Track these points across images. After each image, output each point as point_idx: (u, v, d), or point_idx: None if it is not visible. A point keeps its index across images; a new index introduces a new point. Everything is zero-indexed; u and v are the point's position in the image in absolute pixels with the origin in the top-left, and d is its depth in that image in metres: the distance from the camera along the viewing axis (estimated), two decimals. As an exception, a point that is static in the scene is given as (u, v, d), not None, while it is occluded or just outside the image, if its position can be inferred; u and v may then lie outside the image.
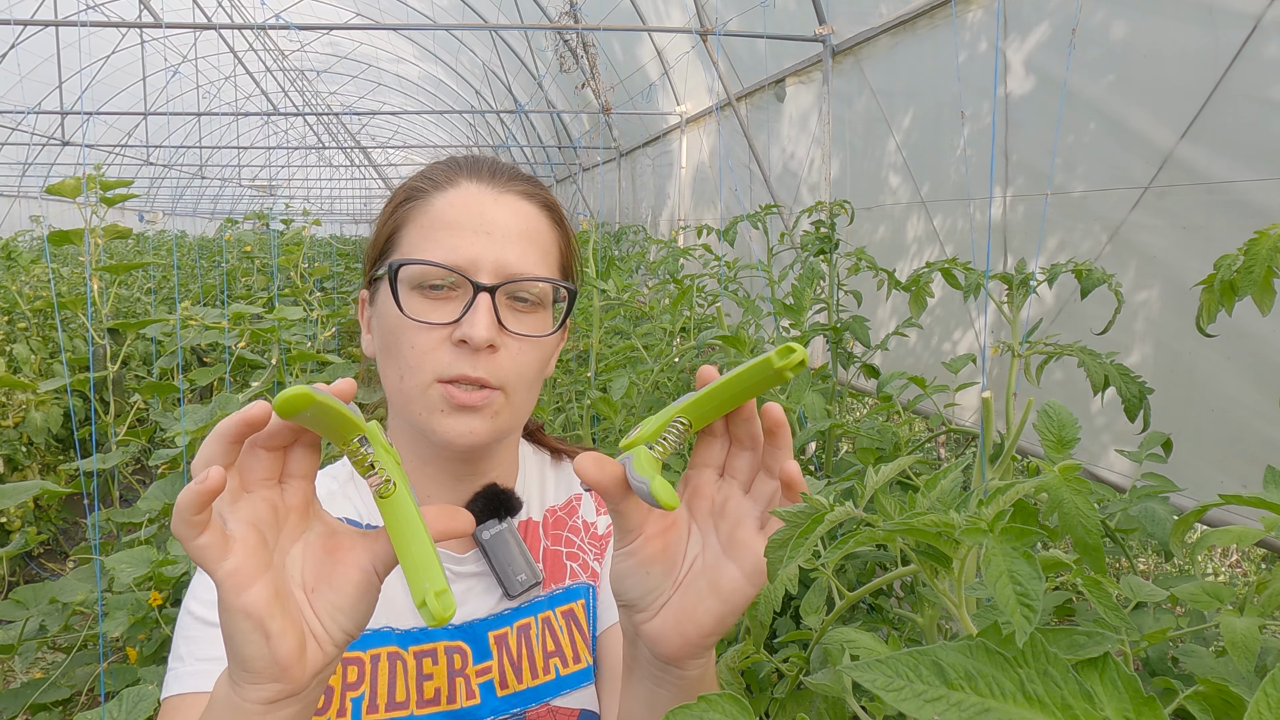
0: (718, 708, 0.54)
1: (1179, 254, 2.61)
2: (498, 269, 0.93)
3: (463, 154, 1.07)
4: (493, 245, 0.93)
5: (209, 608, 0.92)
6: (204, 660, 0.89)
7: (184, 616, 0.94)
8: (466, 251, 0.92)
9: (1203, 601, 1.22)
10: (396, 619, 0.98)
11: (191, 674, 0.88)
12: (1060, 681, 0.46)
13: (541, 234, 0.99)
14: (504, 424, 0.96)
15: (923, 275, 2.19)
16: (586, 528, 1.14)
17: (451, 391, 0.92)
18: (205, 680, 0.86)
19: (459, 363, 0.91)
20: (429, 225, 0.95)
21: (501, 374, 0.93)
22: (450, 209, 0.96)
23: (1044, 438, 1.01)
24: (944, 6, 3.74)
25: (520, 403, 0.97)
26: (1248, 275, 1.24)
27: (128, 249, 11.00)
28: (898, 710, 0.52)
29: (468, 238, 0.93)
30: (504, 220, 0.96)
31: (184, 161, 19.47)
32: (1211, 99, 2.43)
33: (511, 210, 0.97)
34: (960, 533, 0.49)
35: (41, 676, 2.35)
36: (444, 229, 0.94)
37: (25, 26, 6.03)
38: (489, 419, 0.94)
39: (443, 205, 0.96)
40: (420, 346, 0.92)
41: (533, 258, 0.96)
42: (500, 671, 0.99)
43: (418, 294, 0.93)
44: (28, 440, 4.28)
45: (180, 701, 0.87)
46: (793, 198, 5.71)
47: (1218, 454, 2.42)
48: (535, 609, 1.04)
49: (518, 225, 0.96)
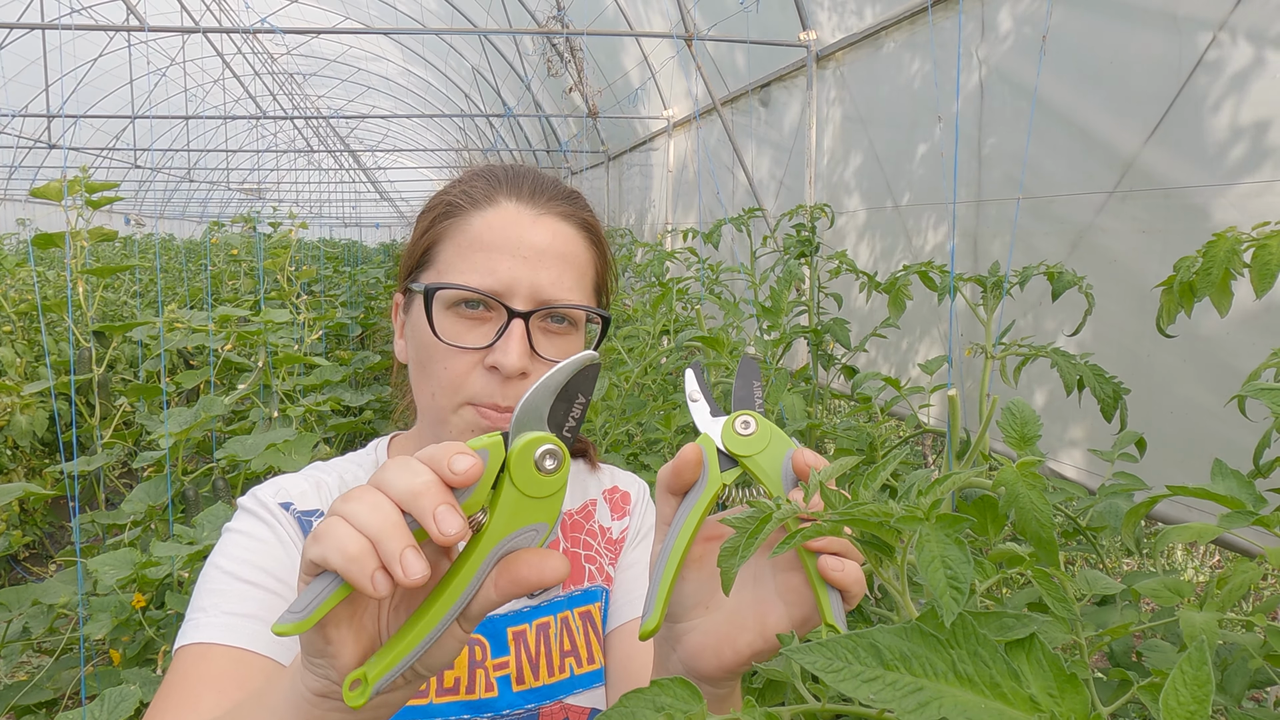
0: (669, 691, 0.56)
1: (1139, 257, 2.65)
2: (532, 294, 0.93)
3: (503, 167, 1.05)
4: (528, 269, 0.93)
5: (241, 564, 0.92)
6: (231, 615, 0.88)
7: (210, 571, 0.93)
8: (503, 276, 0.93)
9: (1164, 596, 1.25)
10: None
11: (218, 625, 0.87)
12: (989, 661, 0.49)
13: (578, 256, 0.99)
14: None
15: (900, 278, 2.22)
16: (602, 532, 1.14)
17: (484, 412, 0.93)
18: (232, 634, 0.86)
19: (490, 389, 0.92)
20: (466, 245, 0.95)
21: None
22: (488, 230, 0.95)
23: (1006, 434, 1.03)
24: (923, 14, 3.78)
25: None
26: (1206, 277, 1.27)
27: (114, 252, 10.96)
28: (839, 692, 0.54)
29: (504, 261, 0.93)
30: (541, 243, 0.95)
31: (172, 164, 19.39)
32: (1174, 106, 2.47)
33: (550, 232, 0.97)
34: (897, 520, 0.51)
35: (25, 679, 2.36)
36: (481, 250, 0.94)
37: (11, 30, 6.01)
38: None
39: (481, 226, 0.96)
40: (453, 369, 0.93)
41: (568, 282, 0.96)
42: (518, 667, 1.01)
43: (452, 314, 0.94)
44: (12, 443, 4.27)
45: (205, 650, 0.86)
46: (776, 201, 5.75)
47: (1179, 455, 2.45)
48: (554, 608, 1.05)
49: (555, 248, 0.96)
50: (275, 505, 0.97)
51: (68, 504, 4.59)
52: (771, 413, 2.12)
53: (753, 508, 0.64)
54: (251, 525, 0.95)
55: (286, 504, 0.98)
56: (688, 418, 2.00)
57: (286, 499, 0.98)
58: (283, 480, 1.02)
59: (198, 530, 2.18)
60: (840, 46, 4.65)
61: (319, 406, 3.52)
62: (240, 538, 0.95)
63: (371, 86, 21.18)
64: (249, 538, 0.94)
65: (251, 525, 0.95)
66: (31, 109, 13.34)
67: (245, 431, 3.39)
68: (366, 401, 4.11)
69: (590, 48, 9.21)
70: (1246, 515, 0.87)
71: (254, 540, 0.94)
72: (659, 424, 2.15)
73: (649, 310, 2.68)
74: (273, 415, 3.38)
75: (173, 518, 2.57)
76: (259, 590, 0.90)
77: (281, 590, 0.91)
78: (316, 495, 1.01)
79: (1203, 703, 0.46)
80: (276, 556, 0.93)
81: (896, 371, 4.19)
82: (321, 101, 21.57)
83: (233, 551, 0.93)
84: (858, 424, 2.05)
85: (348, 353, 5.47)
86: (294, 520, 0.97)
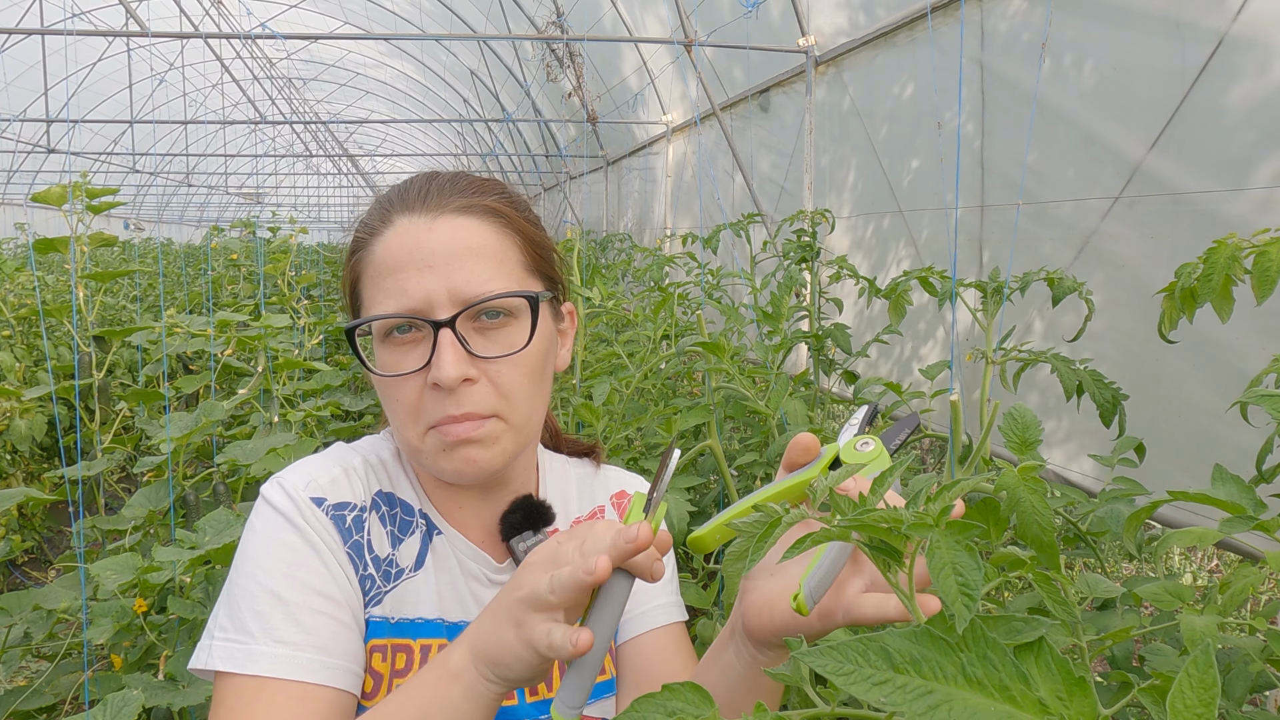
0: (680, 695, 0.57)
1: (1146, 263, 2.66)
2: (451, 298, 0.90)
3: (398, 185, 1.02)
4: (438, 276, 0.90)
5: (283, 581, 0.88)
6: (283, 644, 0.85)
7: (247, 583, 0.88)
8: (415, 291, 0.90)
9: (1164, 601, 1.26)
10: (447, 612, 0.99)
11: (272, 656, 0.84)
12: (999, 665, 0.50)
13: (488, 245, 0.94)
14: (509, 445, 0.95)
15: (900, 283, 2.23)
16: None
17: (444, 430, 0.91)
18: (291, 667, 0.84)
19: (441, 406, 0.90)
20: (375, 275, 0.94)
21: (488, 403, 0.91)
22: (389, 253, 0.93)
23: (1008, 439, 1.04)
24: (922, 20, 3.80)
25: (522, 419, 0.95)
26: (1207, 283, 1.28)
27: (113, 256, 10.95)
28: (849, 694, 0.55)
29: (412, 277, 0.91)
30: (442, 246, 0.92)
31: (170, 169, 19.40)
32: (1179, 112, 2.48)
33: (449, 233, 0.93)
34: (907, 527, 0.52)
35: (25, 684, 2.35)
36: (389, 275, 0.92)
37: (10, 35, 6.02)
38: (490, 446, 0.93)
39: (382, 251, 0.94)
40: (404, 400, 0.91)
41: (484, 274, 0.92)
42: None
43: (389, 345, 0.92)
44: (12, 448, 4.27)
45: (262, 686, 0.83)
46: (775, 206, 5.76)
47: (1185, 459, 2.46)
48: None
49: (458, 245, 0.92)
50: (306, 504, 0.92)
51: (66, 509, 4.59)
52: (773, 417, 2.13)
53: (760, 512, 0.64)
54: (286, 534, 0.91)
55: (319, 499, 0.94)
56: (688, 423, 2.01)
57: (318, 493, 0.94)
58: (311, 468, 0.97)
59: (199, 535, 2.18)
60: (840, 52, 4.66)
61: (319, 411, 3.52)
62: (276, 548, 0.90)
63: (370, 91, 21.21)
64: (286, 549, 0.90)
65: (286, 534, 0.91)
66: (30, 113, 13.35)
67: (245, 436, 3.39)
68: (366, 406, 4.11)
69: (589, 53, 9.23)
70: (1247, 520, 0.88)
71: (291, 553, 0.90)
72: (659, 428, 2.15)
73: (649, 315, 2.69)
74: (273, 420, 3.38)
75: (174, 522, 2.57)
76: (308, 612, 0.87)
77: (326, 608, 0.88)
78: (348, 483, 0.97)
79: (1209, 705, 0.47)
80: (315, 569, 0.90)
81: (898, 376, 4.20)
82: (320, 106, 21.60)
83: (271, 566, 0.89)
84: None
85: (347, 357, 5.46)
86: (328, 521, 0.93)
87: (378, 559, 0.96)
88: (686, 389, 3.64)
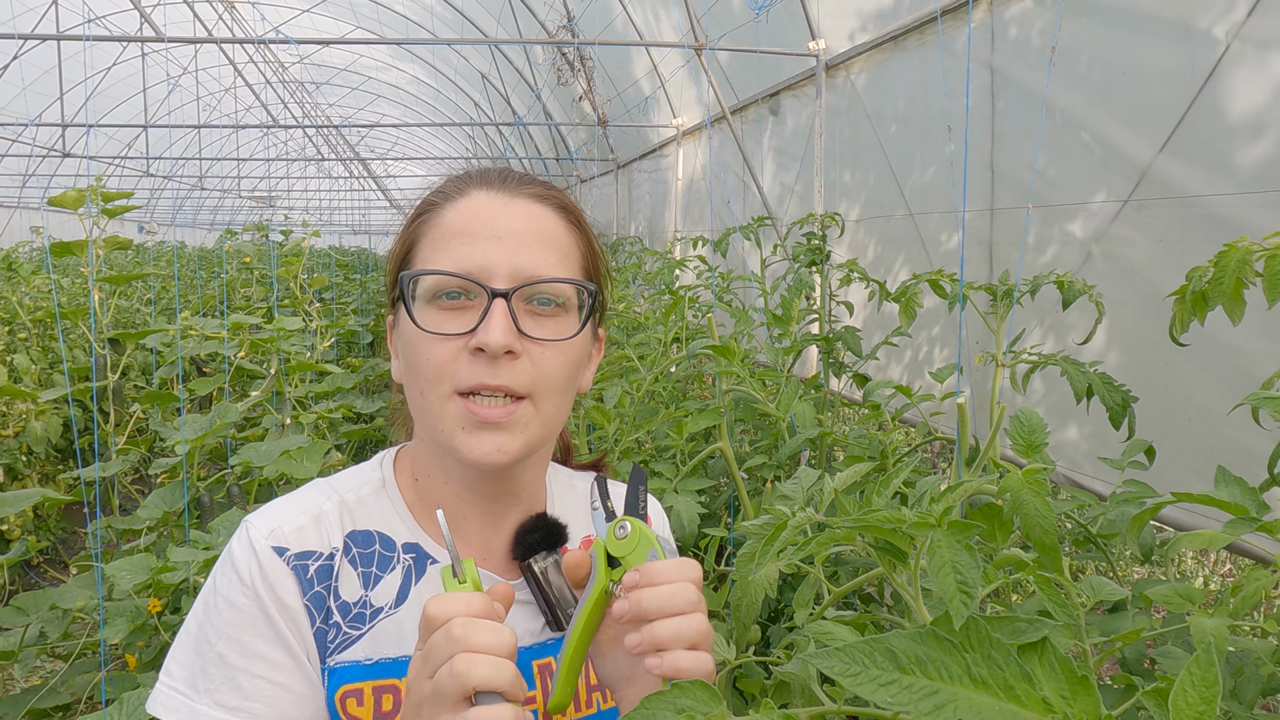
0: (689, 693, 0.58)
1: (1156, 266, 2.65)
2: (513, 273, 0.90)
3: (477, 167, 1.04)
4: (505, 250, 0.91)
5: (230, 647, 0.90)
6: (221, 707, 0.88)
7: (201, 641, 0.91)
8: (478, 258, 0.90)
9: (1175, 603, 1.26)
10: None
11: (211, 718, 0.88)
12: (1003, 664, 0.50)
13: (558, 236, 0.96)
14: (534, 436, 0.93)
15: (911, 286, 2.23)
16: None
17: (472, 406, 0.89)
18: None
19: (477, 372, 0.88)
20: (440, 237, 0.94)
21: (524, 381, 0.90)
22: (460, 218, 0.94)
23: (1014, 442, 1.04)
24: (932, 23, 3.80)
25: (550, 412, 0.94)
26: (1218, 286, 1.29)
27: (127, 260, 11.03)
28: (855, 694, 0.55)
29: (479, 244, 0.91)
30: (517, 224, 0.93)
31: (184, 173, 19.52)
32: (1188, 115, 2.48)
33: (524, 214, 0.94)
34: (910, 526, 0.53)
35: (40, 684, 2.38)
36: (455, 238, 0.92)
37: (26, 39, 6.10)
38: (517, 433, 0.91)
39: (453, 215, 0.94)
40: (437, 358, 0.89)
41: (550, 260, 0.93)
42: (544, 700, 0.97)
43: (434, 307, 0.91)
44: (27, 449, 4.31)
45: None
46: (785, 210, 5.76)
47: (1196, 463, 2.45)
48: None
49: (532, 228, 0.94)
50: (268, 555, 0.93)
51: (82, 510, 4.63)
52: (783, 420, 2.14)
53: (769, 514, 0.65)
54: (239, 596, 0.91)
55: (281, 549, 0.93)
56: (699, 425, 2.01)
57: (280, 542, 0.93)
58: (279, 515, 0.97)
59: (213, 536, 2.19)
60: (850, 56, 4.66)
61: (331, 413, 3.54)
62: (228, 609, 0.91)
63: (381, 95, 21.30)
64: (237, 612, 0.91)
65: (239, 596, 0.91)
66: (46, 118, 13.46)
67: (258, 438, 3.41)
68: (378, 409, 4.13)
69: (600, 57, 9.26)
70: (1250, 521, 0.88)
71: (242, 616, 0.91)
72: (670, 431, 2.16)
73: (660, 318, 2.70)
74: (285, 422, 3.40)
75: (188, 523, 2.59)
76: (248, 677, 0.89)
77: (268, 673, 0.90)
78: (315, 531, 0.96)
79: (1210, 703, 0.47)
80: (263, 634, 0.90)
81: (908, 378, 4.19)
82: (332, 110, 21.70)
83: (222, 627, 0.90)
84: (869, 431, 2.06)
85: (359, 360, 5.49)
86: (287, 572, 0.93)
87: (345, 604, 0.94)
88: (696, 392, 3.65)
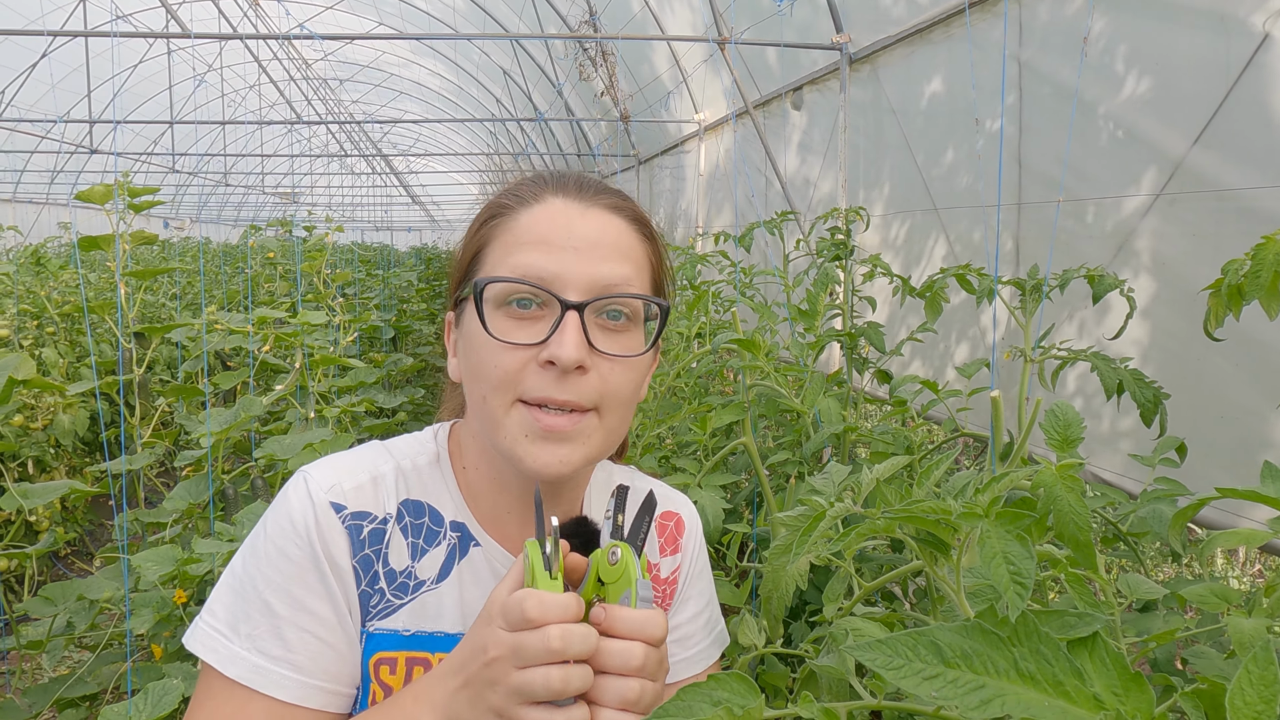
0: (725, 686, 0.57)
1: (1189, 261, 2.61)
2: (587, 285, 0.89)
3: (550, 170, 1.03)
4: (580, 261, 0.90)
5: (277, 595, 0.89)
6: (262, 654, 0.87)
7: (247, 586, 0.90)
8: (553, 267, 0.89)
9: (1210, 603, 1.23)
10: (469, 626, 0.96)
11: (253, 667, 0.87)
12: (1052, 659, 0.49)
13: (633, 248, 0.95)
14: (596, 448, 0.92)
15: (937, 281, 2.21)
16: (650, 568, 1.09)
17: (537, 415, 0.88)
18: (264, 679, 0.86)
19: (545, 385, 0.87)
20: (514, 242, 0.92)
21: (592, 395, 0.89)
22: (536, 224, 0.92)
23: (1049, 437, 1.02)
24: (959, 16, 3.76)
25: (613, 426, 0.93)
26: (1255, 280, 1.26)
27: (153, 255, 11.14)
28: (897, 688, 0.54)
29: (554, 254, 0.90)
30: (592, 234, 0.92)
31: (209, 169, 19.69)
32: (1222, 107, 2.43)
33: (600, 224, 0.93)
34: (957, 516, 0.51)
35: (67, 674, 2.40)
36: (529, 245, 0.91)
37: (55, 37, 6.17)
38: (581, 445, 0.90)
39: (528, 221, 0.93)
40: (505, 366, 0.88)
41: (624, 273, 0.92)
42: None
43: (503, 313, 0.90)
44: (55, 442, 4.35)
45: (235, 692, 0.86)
46: (808, 204, 5.73)
47: (1228, 460, 2.42)
48: None
49: (607, 239, 0.92)
50: (324, 509, 0.92)
51: (108, 502, 4.67)
52: (807, 415, 2.12)
53: (804, 505, 0.64)
54: (291, 546, 0.90)
55: (339, 505, 0.93)
56: (722, 420, 2.00)
57: (339, 498, 0.93)
58: (340, 470, 0.96)
59: (238, 528, 2.21)
60: (875, 49, 4.62)
61: (354, 408, 3.56)
62: (279, 557, 0.90)
63: (404, 91, 21.38)
64: (288, 561, 0.90)
65: (291, 546, 0.90)
66: (74, 115, 13.61)
67: (281, 432, 3.43)
68: (400, 403, 4.14)
69: (622, 51, 9.24)
70: (1299, 519, 0.86)
71: (292, 566, 0.90)
72: (693, 425, 2.15)
73: (683, 313, 2.68)
74: (309, 416, 3.41)
75: (213, 515, 2.60)
76: (293, 629, 0.88)
77: (313, 627, 0.89)
78: (373, 492, 0.96)
79: (1270, 703, 0.46)
80: (311, 587, 0.90)
81: (933, 374, 4.16)
82: (355, 106, 21.82)
83: (271, 575, 0.89)
84: (894, 428, 2.04)
85: (381, 355, 5.52)
86: (342, 530, 0.92)
87: (392, 572, 0.94)
88: (718, 388, 3.63)
